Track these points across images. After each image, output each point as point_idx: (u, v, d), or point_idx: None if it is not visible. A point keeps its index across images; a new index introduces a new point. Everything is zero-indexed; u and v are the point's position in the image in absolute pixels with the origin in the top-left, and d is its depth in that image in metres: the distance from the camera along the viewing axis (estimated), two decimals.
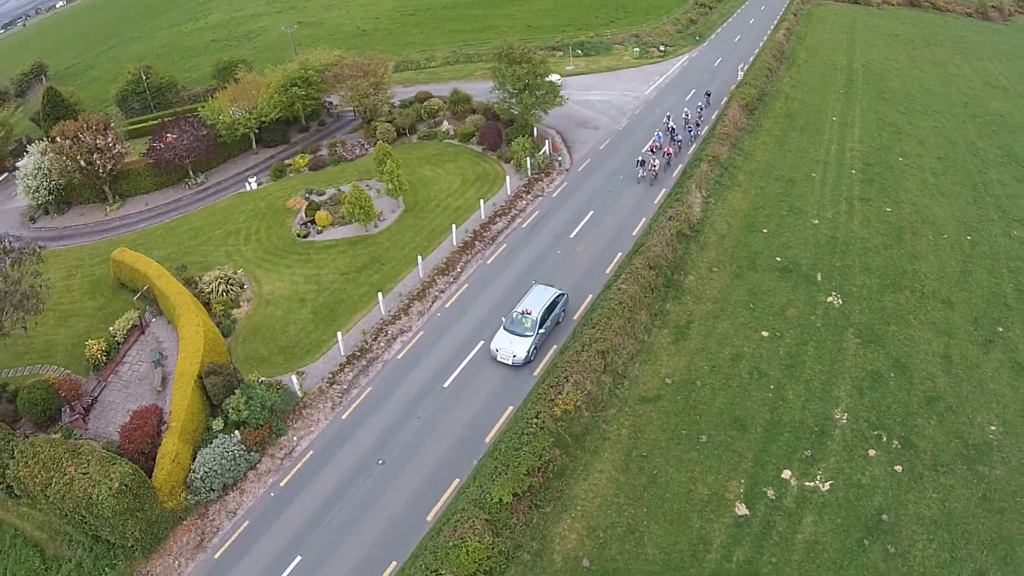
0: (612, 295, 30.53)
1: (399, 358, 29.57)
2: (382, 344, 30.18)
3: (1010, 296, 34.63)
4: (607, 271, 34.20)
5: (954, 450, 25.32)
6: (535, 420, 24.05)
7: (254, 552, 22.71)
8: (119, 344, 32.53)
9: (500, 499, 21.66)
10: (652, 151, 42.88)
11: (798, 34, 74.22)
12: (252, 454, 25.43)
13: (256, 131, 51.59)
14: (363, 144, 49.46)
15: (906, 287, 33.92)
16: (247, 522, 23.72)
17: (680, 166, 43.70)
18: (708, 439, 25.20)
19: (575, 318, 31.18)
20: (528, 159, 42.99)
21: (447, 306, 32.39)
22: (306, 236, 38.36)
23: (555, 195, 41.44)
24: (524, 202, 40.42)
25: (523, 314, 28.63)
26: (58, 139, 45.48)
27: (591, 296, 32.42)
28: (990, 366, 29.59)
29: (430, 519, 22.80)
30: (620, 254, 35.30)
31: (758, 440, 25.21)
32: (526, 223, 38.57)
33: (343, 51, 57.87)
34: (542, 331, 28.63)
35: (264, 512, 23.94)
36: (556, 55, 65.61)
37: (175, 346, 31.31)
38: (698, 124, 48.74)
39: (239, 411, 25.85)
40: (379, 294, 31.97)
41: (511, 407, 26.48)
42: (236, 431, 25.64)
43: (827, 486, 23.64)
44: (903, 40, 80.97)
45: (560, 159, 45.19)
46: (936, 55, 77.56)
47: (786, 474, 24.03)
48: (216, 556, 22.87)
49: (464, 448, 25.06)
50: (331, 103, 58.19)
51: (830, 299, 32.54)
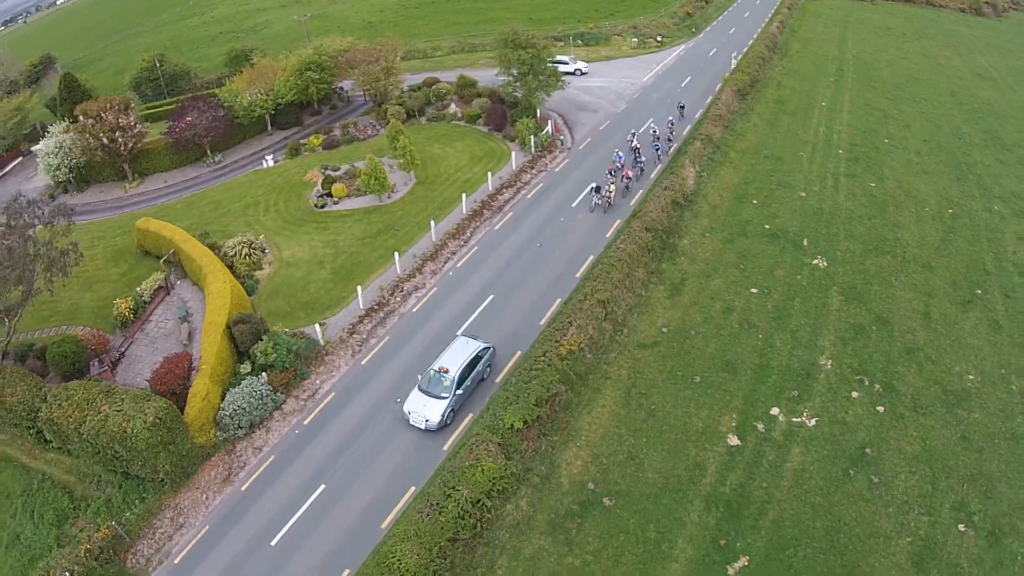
0: (611, 253, 32.53)
1: (414, 311, 31.49)
2: (398, 299, 32.15)
3: (989, 263, 36.54)
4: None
5: (933, 395, 27.15)
6: (542, 358, 26.05)
7: (279, 483, 24.17)
8: (145, 304, 33.99)
9: (512, 425, 23.58)
10: (611, 173, 39.01)
11: (792, 27, 76.35)
12: (278, 395, 27.14)
13: (272, 113, 53.58)
14: (375, 125, 51.47)
15: (888, 252, 35.92)
16: (273, 457, 25.23)
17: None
18: (702, 380, 27.19)
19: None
20: (532, 137, 45.03)
21: (458, 265, 34.36)
22: (323, 207, 40.29)
23: (557, 170, 43.50)
24: (528, 176, 42.51)
25: (439, 373, 25.38)
26: (81, 118, 47.34)
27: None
28: (968, 323, 31.43)
29: (446, 448, 24.63)
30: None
31: (748, 381, 27.19)
32: (531, 194, 40.63)
33: (355, 38, 59.90)
34: (460, 392, 25.25)
35: (289, 447, 25.49)
36: (557, 45, 67.56)
37: (199, 306, 32.84)
38: (669, 140, 44.95)
39: (267, 355, 27.62)
40: (395, 254, 33.96)
41: (519, 352, 28.37)
42: (263, 373, 27.37)
43: (813, 422, 25.57)
44: (895, 33, 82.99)
45: (562, 138, 47.21)
46: (927, 48, 79.47)
47: (774, 411, 25.99)
48: (243, 488, 24.24)
49: (477, 387, 26.83)
50: (342, 89, 60.19)
51: (815, 261, 34.55)
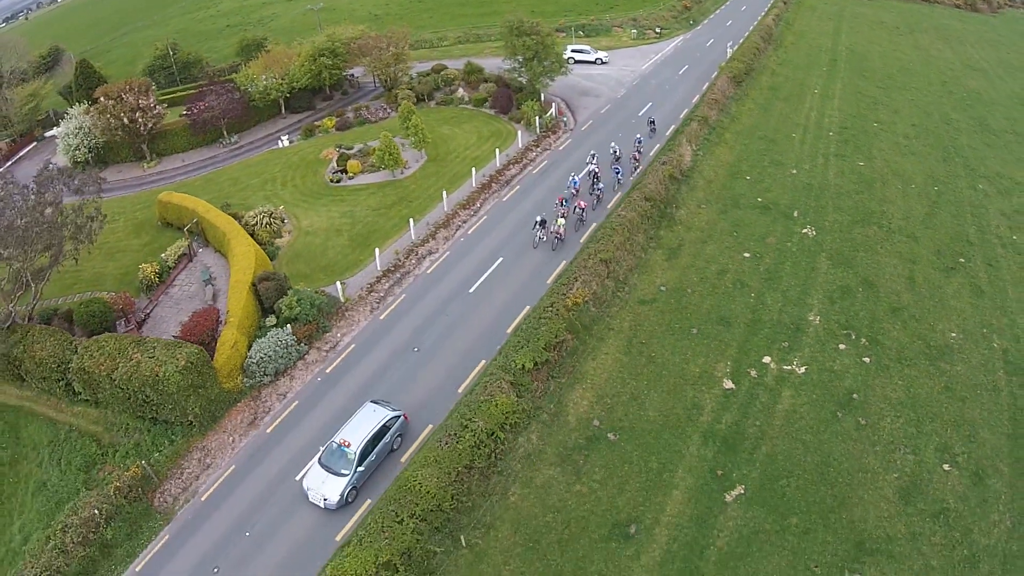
0: (613, 219, 34.50)
1: (428, 273, 33.39)
2: (413, 262, 34.07)
3: (972, 235, 38.56)
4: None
5: (917, 349, 29.08)
6: (550, 308, 28.03)
7: (303, 426, 25.75)
8: (170, 269, 35.75)
9: (523, 365, 25.53)
10: (561, 203, 34.78)
11: (787, 19, 78.57)
12: (301, 346, 28.95)
13: (286, 96, 55.55)
14: (386, 108, 53.50)
15: (874, 223, 37.96)
16: (296, 402, 26.85)
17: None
18: (698, 331, 29.17)
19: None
20: (537, 119, 47.00)
21: (469, 232, 36.31)
22: (338, 182, 42.21)
23: (561, 149, 45.51)
24: (534, 153, 44.57)
25: (340, 446, 23.23)
26: (102, 99, 49.21)
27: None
28: (951, 287, 33.43)
29: (460, 391, 26.47)
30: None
31: (741, 334, 29.18)
32: (536, 170, 42.62)
33: (366, 26, 61.96)
34: (362, 468, 22.92)
35: (312, 394, 27.14)
36: (559, 36, 69.55)
37: (223, 272, 34.57)
38: (635, 159, 40.24)
39: (291, 308, 29.48)
40: (410, 220, 35.89)
41: (528, 306, 30.22)
42: (288, 325, 29.17)
43: (803, 370, 27.54)
44: (888, 27, 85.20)
45: (566, 120, 49.21)
46: (919, 40, 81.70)
47: (766, 359, 27.96)
48: (268, 431, 25.78)
49: (489, 337, 28.75)
50: (353, 75, 62.20)
51: (805, 231, 36.57)
